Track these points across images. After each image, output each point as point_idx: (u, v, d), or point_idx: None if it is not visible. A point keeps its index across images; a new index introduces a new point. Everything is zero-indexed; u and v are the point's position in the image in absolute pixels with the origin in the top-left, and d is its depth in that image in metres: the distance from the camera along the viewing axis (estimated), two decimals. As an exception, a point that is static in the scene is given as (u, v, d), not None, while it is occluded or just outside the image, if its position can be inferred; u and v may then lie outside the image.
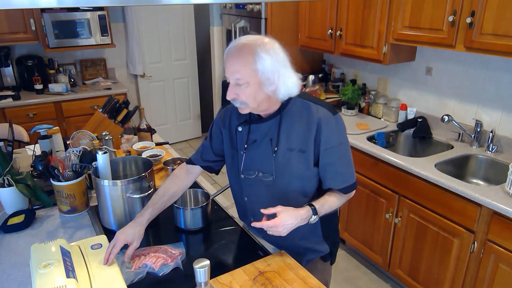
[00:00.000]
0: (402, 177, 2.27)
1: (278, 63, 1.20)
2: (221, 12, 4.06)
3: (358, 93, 3.05)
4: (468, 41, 2.06)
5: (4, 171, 1.63)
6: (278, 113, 1.31)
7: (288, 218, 1.21)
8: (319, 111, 1.29)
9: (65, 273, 1.12)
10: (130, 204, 1.52)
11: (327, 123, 1.28)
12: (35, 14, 3.50)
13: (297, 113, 1.30)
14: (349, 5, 2.74)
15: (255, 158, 1.37)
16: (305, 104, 1.31)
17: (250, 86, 1.20)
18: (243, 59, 1.18)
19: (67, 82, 3.79)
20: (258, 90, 1.21)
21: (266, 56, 1.18)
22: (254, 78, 1.19)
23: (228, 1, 1.14)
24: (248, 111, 1.29)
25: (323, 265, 1.53)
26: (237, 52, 1.20)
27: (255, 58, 1.17)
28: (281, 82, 1.22)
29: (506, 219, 1.81)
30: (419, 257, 2.29)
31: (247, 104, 1.25)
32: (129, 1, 1.60)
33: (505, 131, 2.32)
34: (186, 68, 4.86)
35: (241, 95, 1.22)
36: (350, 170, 1.37)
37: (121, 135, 2.37)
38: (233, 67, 1.20)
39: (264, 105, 1.28)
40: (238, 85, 1.21)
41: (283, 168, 1.33)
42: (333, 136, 1.30)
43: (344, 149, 1.34)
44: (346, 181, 1.35)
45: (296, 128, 1.30)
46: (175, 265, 1.32)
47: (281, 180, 1.35)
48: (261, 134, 1.34)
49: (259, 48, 1.18)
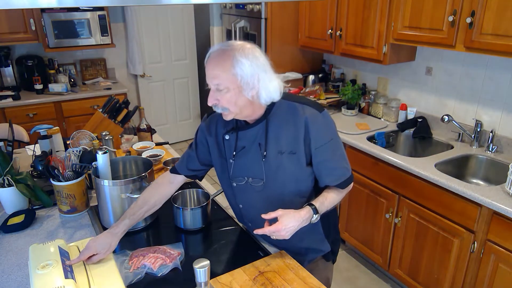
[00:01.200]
0: (402, 177, 2.27)
1: (257, 68, 1.20)
2: (221, 12, 4.05)
3: (358, 93, 3.05)
4: (468, 41, 2.06)
5: (4, 171, 1.63)
6: (264, 117, 1.30)
7: (289, 221, 1.21)
8: (305, 111, 1.28)
9: (63, 273, 1.12)
10: (130, 204, 1.52)
11: (315, 122, 1.28)
12: (35, 14, 3.50)
13: (283, 116, 1.30)
14: (349, 5, 2.74)
15: (244, 165, 1.36)
16: (290, 105, 1.30)
17: (230, 91, 1.20)
18: (222, 64, 1.19)
19: (67, 82, 3.79)
20: (238, 94, 1.21)
21: (245, 60, 1.18)
22: (234, 83, 1.19)
23: (228, 1, 1.14)
24: (232, 117, 1.28)
25: (325, 264, 1.53)
26: (216, 58, 1.20)
27: (233, 63, 1.18)
28: (262, 86, 1.22)
29: (506, 219, 1.81)
30: (419, 257, 2.29)
31: (228, 110, 1.24)
32: (129, 1, 1.60)
33: (505, 131, 2.32)
34: (186, 68, 4.86)
35: (222, 101, 1.22)
36: (344, 165, 1.36)
37: (121, 135, 2.37)
38: (213, 72, 1.20)
39: (247, 111, 1.27)
40: (218, 91, 1.21)
41: (275, 172, 1.33)
42: (323, 134, 1.30)
43: (335, 144, 1.33)
44: (342, 176, 1.35)
45: (284, 130, 1.29)
46: (174, 265, 1.32)
47: (274, 184, 1.34)
48: (249, 140, 1.33)
49: (238, 53, 1.18)
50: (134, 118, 2.46)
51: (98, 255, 1.29)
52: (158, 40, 4.54)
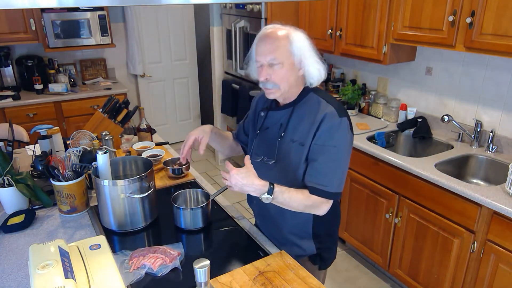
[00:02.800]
0: (402, 177, 2.27)
1: (307, 50, 1.30)
2: (221, 12, 4.05)
3: (358, 93, 3.05)
4: (468, 41, 2.06)
5: (4, 171, 1.63)
6: (293, 104, 1.38)
7: (241, 176, 1.22)
8: (327, 109, 1.32)
9: (63, 273, 1.12)
10: (130, 204, 1.52)
11: (329, 121, 1.30)
12: (35, 14, 3.50)
13: (309, 108, 1.35)
14: (349, 5, 2.74)
15: (263, 143, 1.45)
16: (317, 100, 1.35)
17: (284, 66, 1.29)
18: (280, 40, 1.28)
19: (67, 82, 3.79)
20: (291, 71, 1.30)
21: (298, 40, 1.29)
22: (288, 59, 1.29)
23: (228, 1, 1.15)
24: (278, 95, 1.35)
25: (312, 267, 1.53)
26: (272, 35, 1.30)
27: (290, 40, 1.28)
28: (307, 68, 1.32)
29: (506, 219, 1.81)
30: (419, 257, 2.29)
31: (278, 86, 1.32)
32: (129, 1, 1.59)
33: (505, 131, 2.32)
34: (186, 68, 4.86)
35: (274, 76, 1.30)
36: (332, 178, 1.31)
37: (121, 135, 2.37)
38: (270, 47, 1.28)
39: (293, 90, 1.36)
40: (271, 67, 1.29)
41: (283, 156, 1.38)
42: (329, 135, 1.30)
43: (335, 153, 1.30)
44: (321, 183, 1.30)
45: (303, 122, 1.35)
46: (174, 265, 1.32)
47: (281, 166, 1.39)
48: (274, 121, 1.42)
49: (293, 33, 1.30)
50: (134, 118, 2.46)
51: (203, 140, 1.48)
52: (158, 40, 4.55)
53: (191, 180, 1.96)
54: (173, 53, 4.71)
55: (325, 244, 1.53)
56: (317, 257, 1.52)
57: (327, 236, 1.53)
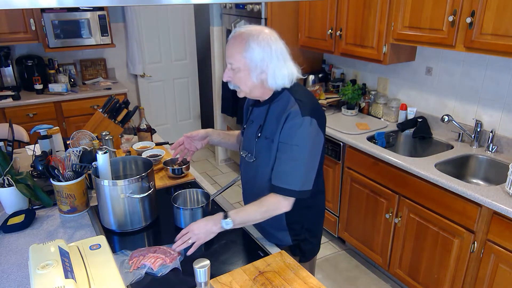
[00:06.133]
0: (402, 177, 2.27)
1: (268, 55, 1.29)
2: (221, 12, 4.05)
3: (358, 93, 3.05)
4: (468, 41, 2.06)
5: (4, 171, 1.63)
6: (269, 102, 1.41)
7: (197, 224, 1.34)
8: (293, 107, 1.33)
9: (63, 273, 1.12)
10: (130, 204, 1.52)
11: (291, 119, 1.32)
12: (35, 14, 3.50)
13: (281, 106, 1.37)
14: (349, 5, 2.74)
15: (247, 139, 1.50)
16: (288, 98, 1.37)
17: (241, 71, 1.33)
18: (236, 46, 1.31)
19: (67, 82, 3.79)
20: (247, 76, 1.33)
21: (255, 46, 1.28)
22: (244, 65, 1.31)
23: (228, 1, 1.16)
24: (243, 95, 1.41)
25: (293, 258, 1.54)
26: (233, 39, 1.33)
27: (246, 47, 1.29)
28: (270, 73, 1.32)
29: (506, 219, 1.81)
30: (419, 257, 2.29)
31: (239, 88, 1.37)
32: (129, 1, 1.60)
33: (505, 131, 2.32)
34: (186, 68, 4.86)
35: (234, 79, 1.36)
36: (296, 176, 1.32)
37: (121, 135, 2.37)
38: (228, 52, 1.34)
39: (256, 92, 1.38)
40: (232, 69, 1.34)
41: (260, 153, 1.43)
42: (291, 134, 1.32)
43: (297, 152, 1.31)
44: (285, 182, 1.32)
45: (275, 120, 1.37)
46: (174, 265, 1.32)
47: (258, 164, 1.44)
48: (255, 117, 1.47)
49: (251, 39, 1.29)
50: (134, 118, 2.46)
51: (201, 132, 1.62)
52: (158, 40, 4.54)
53: (191, 180, 1.96)
54: (173, 53, 4.70)
55: (301, 236, 1.54)
56: (296, 249, 1.54)
57: (303, 229, 1.54)
